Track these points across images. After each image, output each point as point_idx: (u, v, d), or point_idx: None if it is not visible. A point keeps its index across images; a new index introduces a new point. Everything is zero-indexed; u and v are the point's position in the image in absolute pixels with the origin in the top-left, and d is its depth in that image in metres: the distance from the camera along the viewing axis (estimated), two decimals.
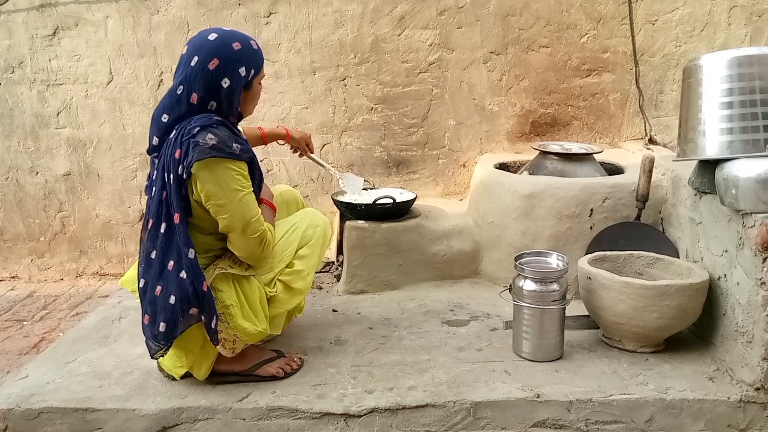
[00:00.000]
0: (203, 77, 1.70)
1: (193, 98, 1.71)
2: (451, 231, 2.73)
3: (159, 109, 1.76)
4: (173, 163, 1.67)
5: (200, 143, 1.64)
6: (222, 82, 1.71)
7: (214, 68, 1.69)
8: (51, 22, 3.13)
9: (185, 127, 1.68)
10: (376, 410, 1.79)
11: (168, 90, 1.76)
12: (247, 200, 1.73)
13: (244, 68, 1.74)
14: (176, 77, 1.74)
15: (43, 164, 3.29)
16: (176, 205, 1.69)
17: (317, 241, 2.01)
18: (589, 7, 3.08)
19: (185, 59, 1.72)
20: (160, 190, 1.72)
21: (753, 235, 1.75)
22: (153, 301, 1.73)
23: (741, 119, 1.86)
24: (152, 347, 1.78)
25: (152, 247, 1.74)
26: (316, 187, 3.26)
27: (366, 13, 3.08)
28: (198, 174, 1.66)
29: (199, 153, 1.63)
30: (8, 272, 3.44)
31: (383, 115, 3.18)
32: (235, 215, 1.71)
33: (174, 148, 1.68)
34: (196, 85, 1.70)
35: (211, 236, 1.81)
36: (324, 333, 2.26)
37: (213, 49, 1.70)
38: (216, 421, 1.79)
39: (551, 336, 2.00)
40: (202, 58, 1.69)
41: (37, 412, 1.81)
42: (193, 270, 1.69)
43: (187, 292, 1.68)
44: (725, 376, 1.90)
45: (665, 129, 3.20)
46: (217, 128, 1.68)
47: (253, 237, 1.75)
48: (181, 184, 1.68)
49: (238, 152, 1.69)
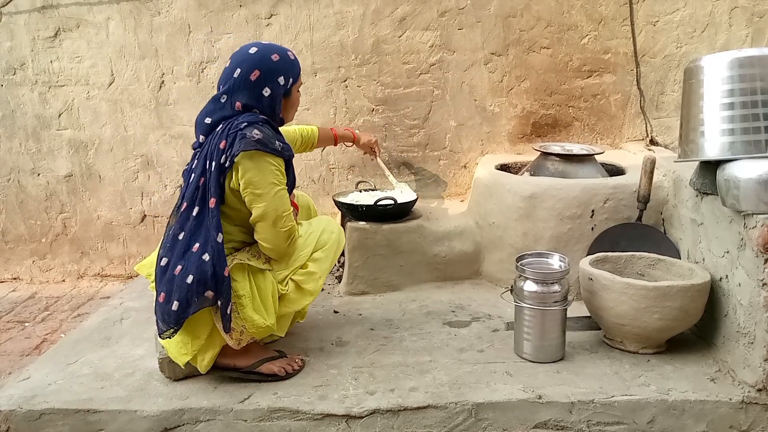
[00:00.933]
0: (246, 87, 1.86)
1: (237, 106, 1.87)
2: (452, 232, 2.73)
3: (202, 114, 1.90)
4: (217, 152, 1.80)
5: (247, 136, 1.77)
6: (263, 91, 1.87)
7: (255, 79, 1.85)
8: (52, 24, 3.13)
9: (233, 122, 1.83)
10: (377, 411, 1.79)
11: (211, 97, 1.91)
12: (282, 195, 1.85)
13: (283, 78, 1.89)
14: (220, 87, 1.90)
15: (44, 165, 3.30)
16: (213, 191, 1.81)
17: (332, 247, 2.09)
18: (589, 9, 3.08)
19: (228, 71, 1.88)
20: (198, 176, 1.84)
21: (754, 236, 1.75)
22: (171, 280, 1.78)
23: (742, 120, 1.86)
24: (161, 327, 1.81)
25: (180, 229, 1.83)
26: (317, 188, 3.26)
27: (367, 15, 3.08)
28: (241, 162, 1.78)
29: (245, 144, 1.77)
30: (10, 273, 3.44)
31: (384, 117, 3.18)
32: (270, 206, 1.82)
33: (220, 139, 1.82)
34: (240, 95, 1.86)
35: (237, 228, 1.90)
36: (325, 334, 2.26)
37: (254, 61, 1.86)
38: (217, 422, 1.80)
39: (553, 337, 2.00)
40: (244, 71, 1.86)
41: (39, 413, 1.81)
42: (218, 254, 1.77)
43: (205, 274, 1.74)
44: (727, 377, 1.90)
45: (666, 130, 3.19)
46: (263, 126, 1.82)
47: (283, 230, 1.86)
48: (222, 172, 1.81)
49: (279, 149, 1.83)
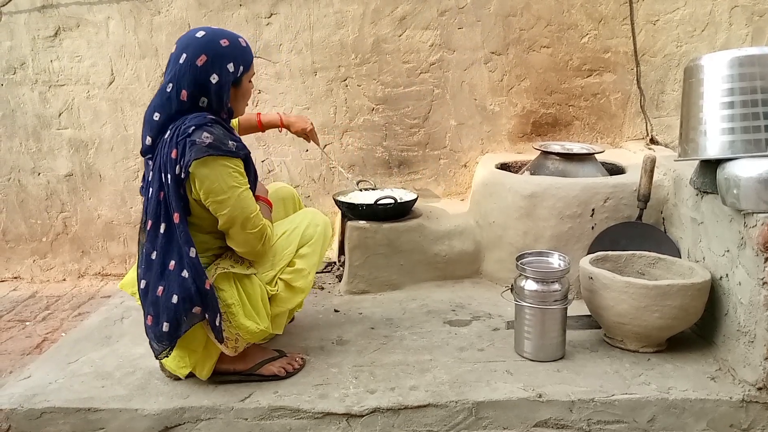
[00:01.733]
0: (192, 73, 1.71)
1: (183, 95, 1.72)
2: (453, 231, 2.73)
3: (150, 108, 1.77)
4: (170, 163, 1.68)
5: (197, 142, 1.65)
6: (210, 77, 1.72)
7: (201, 64, 1.71)
8: (52, 23, 3.13)
9: (179, 127, 1.69)
10: (378, 410, 1.79)
11: (158, 89, 1.78)
12: (246, 196, 1.75)
13: (232, 64, 1.75)
14: (166, 75, 1.76)
15: (45, 165, 3.30)
16: (175, 205, 1.70)
17: (318, 240, 2.02)
18: (589, 8, 3.08)
19: (174, 57, 1.74)
20: (157, 190, 1.72)
21: (755, 234, 1.76)
22: (155, 302, 1.73)
23: (742, 119, 1.87)
24: (156, 348, 1.78)
25: (152, 248, 1.74)
26: (317, 187, 3.26)
27: (367, 14, 3.08)
28: (196, 172, 1.67)
29: (197, 152, 1.65)
30: (11, 273, 3.44)
31: (384, 116, 3.18)
32: (235, 211, 1.73)
33: (170, 148, 1.69)
34: (185, 82, 1.71)
35: (210, 235, 1.82)
36: (326, 333, 2.26)
37: (201, 45, 1.71)
38: (218, 420, 1.80)
39: (553, 336, 2.00)
40: (190, 55, 1.71)
41: (40, 412, 1.81)
42: (195, 269, 1.70)
43: (189, 291, 1.69)
44: (727, 375, 1.90)
45: (666, 129, 3.20)
46: (212, 126, 1.70)
47: (253, 232, 1.78)
48: (179, 184, 1.70)
49: (234, 149, 1.72)
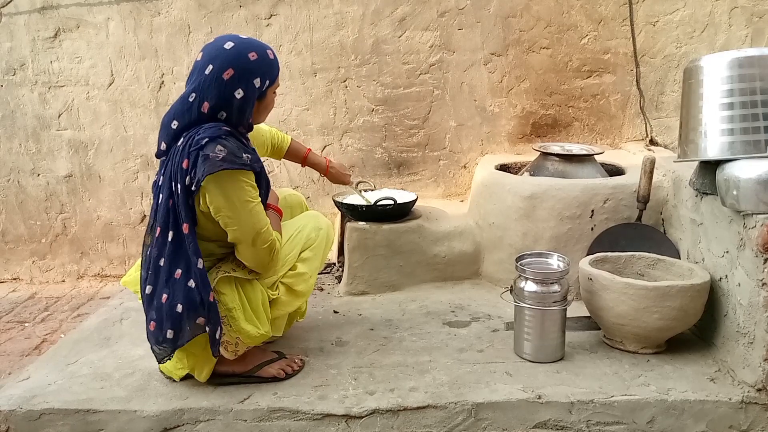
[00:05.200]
0: (217, 87, 1.67)
1: (204, 107, 1.69)
2: (452, 232, 2.73)
3: (169, 115, 1.74)
4: (180, 173, 1.66)
5: (210, 156, 1.62)
6: (236, 92, 1.68)
7: (228, 78, 1.67)
8: (52, 24, 3.13)
9: (193, 136, 1.66)
10: (377, 411, 1.79)
11: (180, 96, 1.74)
12: (257, 211, 1.73)
13: (259, 79, 1.71)
14: (189, 84, 1.72)
15: (44, 166, 3.30)
16: (184, 215, 1.69)
17: (320, 244, 2.01)
18: (589, 9, 3.08)
19: (199, 67, 1.69)
20: (167, 198, 1.70)
21: (754, 236, 1.75)
22: (159, 309, 1.72)
23: (742, 120, 1.86)
24: (158, 352, 1.78)
25: (160, 254, 1.73)
26: (317, 188, 3.26)
27: (367, 15, 3.08)
28: (208, 187, 1.65)
29: (210, 166, 1.61)
30: (10, 274, 3.44)
31: (384, 117, 3.18)
32: (245, 227, 1.71)
33: (182, 157, 1.66)
34: (209, 95, 1.68)
35: (214, 243, 1.80)
36: (325, 334, 2.26)
37: (228, 58, 1.67)
38: (217, 422, 1.80)
39: (552, 337, 2.00)
40: (216, 67, 1.67)
41: (39, 413, 1.81)
42: (202, 280, 1.69)
43: (195, 302, 1.68)
44: (727, 377, 1.90)
45: (666, 130, 3.20)
46: (226, 139, 1.66)
47: (263, 247, 1.75)
48: (189, 195, 1.68)
49: (248, 162, 1.68)
